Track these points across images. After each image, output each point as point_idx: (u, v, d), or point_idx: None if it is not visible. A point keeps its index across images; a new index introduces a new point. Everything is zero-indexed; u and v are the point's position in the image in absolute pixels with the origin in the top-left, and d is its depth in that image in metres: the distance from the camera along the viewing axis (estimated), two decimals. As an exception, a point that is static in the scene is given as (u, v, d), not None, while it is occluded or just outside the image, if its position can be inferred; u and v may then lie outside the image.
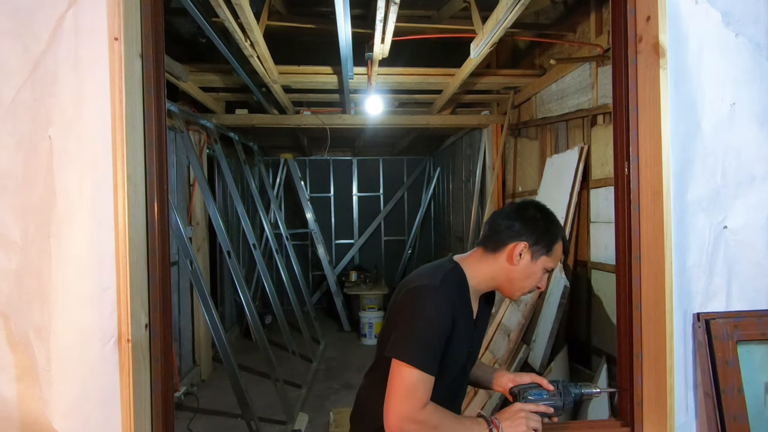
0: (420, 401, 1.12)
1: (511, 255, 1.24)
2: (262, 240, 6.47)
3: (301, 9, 3.55)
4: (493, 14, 2.52)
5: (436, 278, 1.22)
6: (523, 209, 1.29)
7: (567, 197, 3.25)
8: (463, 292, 1.26)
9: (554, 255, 1.26)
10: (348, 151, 7.78)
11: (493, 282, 1.29)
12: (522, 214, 1.28)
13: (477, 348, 1.39)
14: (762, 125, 1.36)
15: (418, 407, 1.12)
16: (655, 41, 1.29)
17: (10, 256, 1.13)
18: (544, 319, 3.21)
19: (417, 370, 1.12)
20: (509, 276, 1.25)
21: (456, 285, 1.24)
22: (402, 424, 1.11)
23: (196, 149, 4.43)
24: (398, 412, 1.12)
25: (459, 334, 1.21)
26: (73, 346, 1.13)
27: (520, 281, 1.25)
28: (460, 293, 1.25)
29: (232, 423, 3.81)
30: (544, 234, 1.24)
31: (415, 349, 1.14)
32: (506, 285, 1.27)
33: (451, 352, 1.20)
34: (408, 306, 1.21)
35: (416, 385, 1.12)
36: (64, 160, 1.13)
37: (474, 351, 1.36)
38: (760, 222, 1.37)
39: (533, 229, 1.24)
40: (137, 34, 1.20)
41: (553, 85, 3.74)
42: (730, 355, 1.30)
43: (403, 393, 1.12)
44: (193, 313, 4.69)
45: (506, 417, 1.21)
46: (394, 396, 1.13)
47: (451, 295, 1.20)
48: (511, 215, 1.28)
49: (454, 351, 1.21)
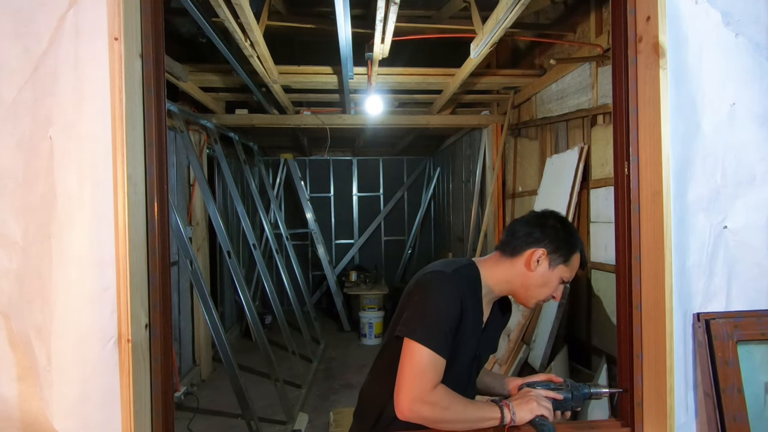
0: (431, 381, 1.13)
1: (529, 261, 1.25)
2: (262, 240, 6.47)
3: (301, 9, 3.55)
4: (493, 14, 2.52)
5: (449, 268, 1.24)
6: (544, 218, 1.31)
7: (567, 197, 3.25)
8: (475, 290, 1.27)
9: (572, 265, 1.28)
10: (348, 151, 7.78)
11: (509, 286, 1.30)
12: (542, 222, 1.30)
13: (484, 354, 1.40)
14: (762, 125, 1.36)
15: (428, 388, 1.12)
16: (655, 41, 1.28)
17: (10, 255, 1.13)
18: (544, 319, 3.21)
19: (428, 350, 1.13)
20: (525, 282, 1.27)
21: (468, 279, 1.26)
22: (413, 405, 1.12)
23: (196, 149, 4.43)
24: (409, 391, 1.12)
25: (467, 329, 1.22)
26: (73, 346, 1.13)
27: (536, 288, 1.27)
28: (471, 288, 1.26)
29: (232, 423, 3.81)
30: (563, 243, 1.26)
31: (426, 329, 1.15)
32: (521, 291, 1.29)
33: (458, 343, 1.21)
34: (420, 290, 1.22)
35: (427, 365, 1.13)
36: (64, 160, 1.13)
37: (481, 355, 1.37)
38: (760, 222, 1.37)
39: (553, 238, 1.26)
40: (137, 34, 1.20)
41: (553, 85, 3.74)
42: (730, 355, 1.30)
43: (414, 373, 1.13)
44: (193, 313, 4.69)
45: (516, 398, 1.24)
46: (405, 377, 1.14)
47: (461, 285, 1.21)
48: (531, 222, 1.31)
49: (460, 344, 1.22)
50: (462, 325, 1.20)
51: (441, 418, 1.14)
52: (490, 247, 4.91)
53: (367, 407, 1.36)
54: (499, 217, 4.82)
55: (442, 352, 1.14)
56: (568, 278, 1.29)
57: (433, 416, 1.14)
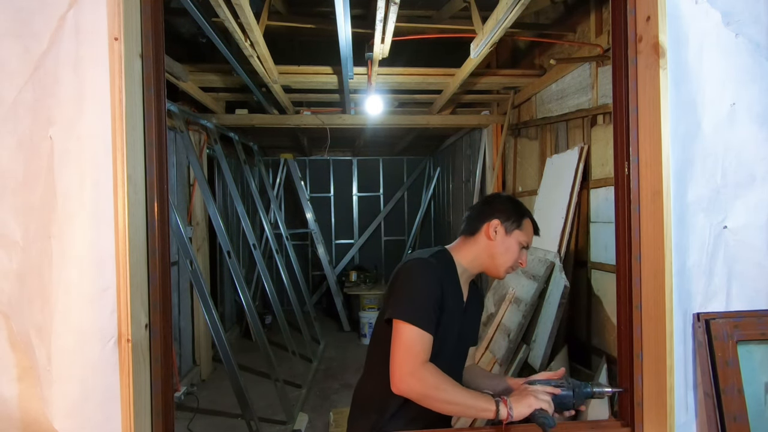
0: (419, 356, 1.21)
1: (488, 232, 1.41)
2: (262, 240, 6.47)
3: (301, 9, 3.55)
4: (493, 14, 2.52)
5: (425, 254, 1.38)
6: (491, 198, 1.52)
7: (567, 197, 3.25)
8: (451, 271, 1.40)
9: (525, 230, 1.42)
10: (348, 151, 7.78)
11: (478, 261, 1.43)
12: (490, 201, 1.50)
13: (468, 336, 1.47)
14: (762, 125, 1.36)
15: (418, 362, 1.20)
16: (655, 41, 1.29)
17: (11, 256, 1.13)
18: (544, 319, 3.21)
19: (414, 327, 1.22)
20: (490, 252, 1.40)
21: (444, 262, 1.39)
22: (404, 378, 1.20)
23: (196, 149, 4.43)
24: (400, 366, 1.20)
25: (448, 309, 1.32)
26: (73, 346, 1.13)
27: (501, 256, 1.40)
28: (448, 270, 1.39)
29: (232, 423, 3.81)
30: (513, 212, 1.42)
31: (410, 308, 1.25)
32: (489, 261, 1.41)
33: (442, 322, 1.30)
34: (401, 277, 1.33)
35: (414, 340, 1.22)
36: (64, 160, 1.14)
37: (464, 337, 1.44)
38: (760, 222, 1.37)
39: (502, 210, 1.43)
40: (137, 34, 1.20)
41: (553, 85, 3.74)
42: (730, 355, 1.30)
43: (404, 350, 1.21)
44: (193, 313, 4.69)
45: (514, 394, 1.27)
46: (396, 354, 1.22)
47: (438, 268, 1.34)
48: (481, 204, 1.50)
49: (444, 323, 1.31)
50: (444, 302, 1.30)
51: (432, 395, 1.19)
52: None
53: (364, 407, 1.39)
54: (499, 217, 4.81)
55: (427, 327, 1.23)
56: (525, 242, 1.41)
57: (424, 391, 1.19)
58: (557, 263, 3.24)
